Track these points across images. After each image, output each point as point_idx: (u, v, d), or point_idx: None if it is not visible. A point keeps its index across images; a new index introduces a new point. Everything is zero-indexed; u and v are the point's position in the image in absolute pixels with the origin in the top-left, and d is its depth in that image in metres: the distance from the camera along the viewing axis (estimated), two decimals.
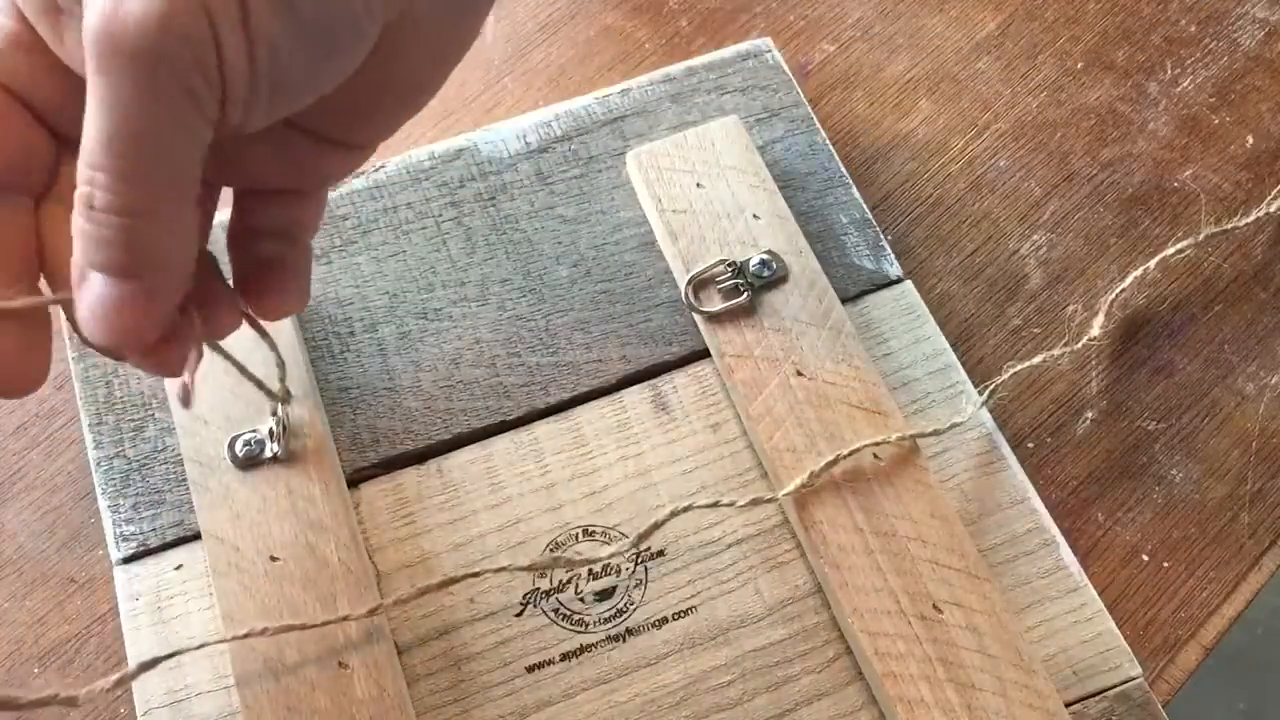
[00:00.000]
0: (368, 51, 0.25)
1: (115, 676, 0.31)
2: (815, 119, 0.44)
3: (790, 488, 0.35)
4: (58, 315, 0.27)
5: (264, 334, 0.33)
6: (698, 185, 0.41)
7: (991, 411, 0.39)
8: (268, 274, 0.30)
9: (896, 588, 0.34)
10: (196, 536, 0.36)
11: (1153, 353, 0.42)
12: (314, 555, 0.35)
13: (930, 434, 0.37)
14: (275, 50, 0.23)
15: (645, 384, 0.39)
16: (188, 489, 0.37)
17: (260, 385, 0.35)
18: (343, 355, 0.40)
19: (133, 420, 0.38)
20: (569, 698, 0.34)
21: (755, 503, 0.36)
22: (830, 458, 0.35)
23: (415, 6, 0.26)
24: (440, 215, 0.42)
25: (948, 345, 0.40)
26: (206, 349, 0.30)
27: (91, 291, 0.24)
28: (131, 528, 0.37)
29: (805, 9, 0.50)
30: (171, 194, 0.24)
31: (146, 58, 0.22)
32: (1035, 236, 0.44)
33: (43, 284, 0.27)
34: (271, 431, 0.36)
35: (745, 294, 0.39)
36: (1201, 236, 0.42)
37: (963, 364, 0.39)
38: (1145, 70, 0.48)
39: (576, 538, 0.37)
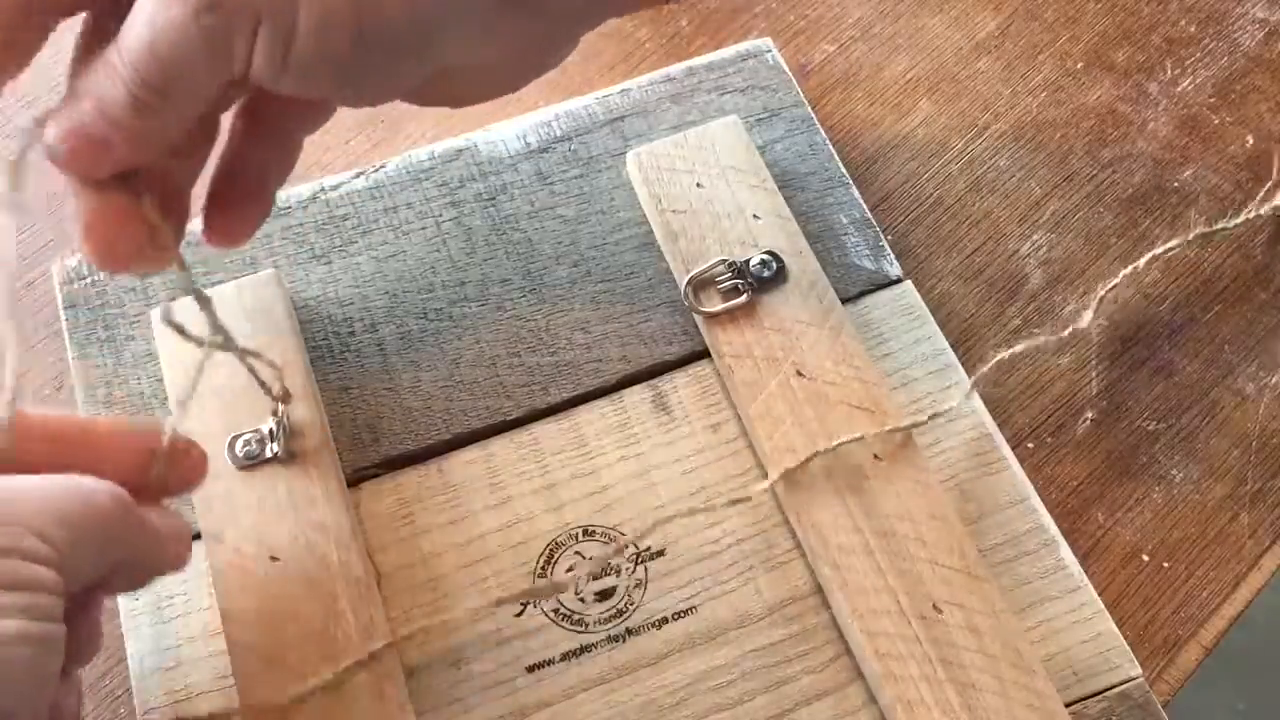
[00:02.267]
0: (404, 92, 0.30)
1: None
2: (815, 119, 0.44)
3: (778, 474, 0.35)
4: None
5: (254, 356, 0.34)
6: (698, 185, 0.41)
7: (992, 411, 0.39)
8: (237, 196, 0.33)
9: (896, 588, 0.34)
10: (196, 536, 0.36)
11: (1153, 353, 0.42)
12: (314, 555, 0.35)
13: (926, 421, 0.37)
14: (308, 73, 0.27)
15: (645, 384, 0.39)
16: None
17: (261, 385, 0.35)
18: (343, 355, 0.40)
19: None
20: (569, 698, 0.34)
21: (742, 500, 0.36)
22: (831, 446, 0.36)
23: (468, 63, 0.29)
24: (440, 215, 0.42)
25: (948, 345, 0.40)
26: (209, 346, 0.32)
27: (79, 112, 0.28)
28: None
29: (805, 9, 0.50)
30: (183, 97, 0.28)
31: (208, 14, 0.26)
32: (1035, 236, 0.44)
33: None
34: (271, 431, 0.36)
35: (745, 294, 0.39)
36: (1193, 235, 0.42)
37: (963, 364, 0.39)
38: (1145, 70, 0.48)
39: (577, 538, 0.37)
